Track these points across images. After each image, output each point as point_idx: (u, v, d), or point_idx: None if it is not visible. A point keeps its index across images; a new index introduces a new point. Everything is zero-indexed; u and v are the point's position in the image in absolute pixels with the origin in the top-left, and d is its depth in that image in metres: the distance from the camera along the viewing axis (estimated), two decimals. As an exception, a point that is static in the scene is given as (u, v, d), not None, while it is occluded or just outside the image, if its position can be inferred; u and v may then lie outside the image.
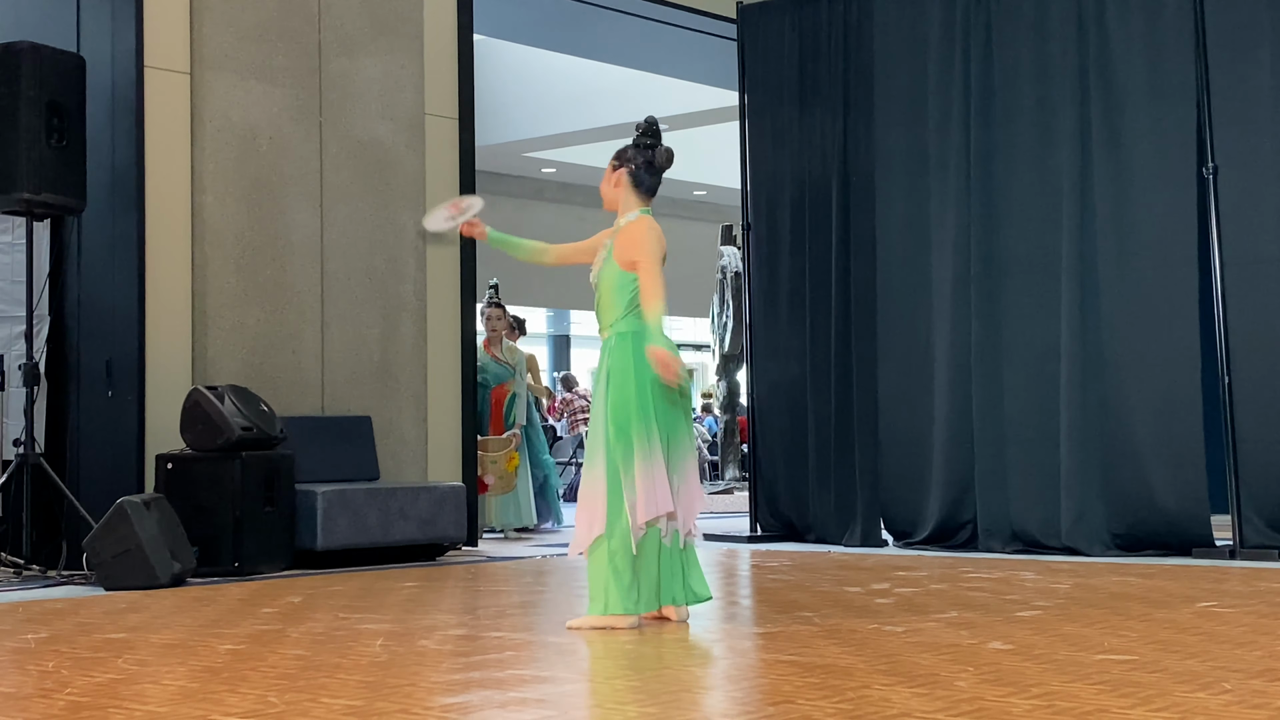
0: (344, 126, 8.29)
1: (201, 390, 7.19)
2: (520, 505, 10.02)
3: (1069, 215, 7.73)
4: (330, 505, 7.37)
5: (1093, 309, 7.65)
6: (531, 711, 3.36)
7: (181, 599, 6.00)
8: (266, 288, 7.89)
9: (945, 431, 8.14)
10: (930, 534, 8.16)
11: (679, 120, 16.33)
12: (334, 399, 8.13)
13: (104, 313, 7.55)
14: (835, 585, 6.10)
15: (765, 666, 4.10)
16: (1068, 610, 5.06)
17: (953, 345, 8.14)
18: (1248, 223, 7.26)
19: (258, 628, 4.93)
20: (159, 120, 7.58)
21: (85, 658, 4.29)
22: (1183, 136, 7.47)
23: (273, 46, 8.02)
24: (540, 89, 16.31)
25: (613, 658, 4.34)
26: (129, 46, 7.51)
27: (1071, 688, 3.45)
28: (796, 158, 8.94)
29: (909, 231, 8.41)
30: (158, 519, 6.57)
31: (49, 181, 6.93)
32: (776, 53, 9.15)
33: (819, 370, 8.77)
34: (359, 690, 3.61)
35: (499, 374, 10.16)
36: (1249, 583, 5.96)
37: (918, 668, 3.79)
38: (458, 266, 8.84)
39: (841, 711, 3.21)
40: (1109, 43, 7.72)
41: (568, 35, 12.98)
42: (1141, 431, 7.47)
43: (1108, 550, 7.46)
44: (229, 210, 7.78)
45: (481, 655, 4.22)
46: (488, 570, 7.28)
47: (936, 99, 8.32)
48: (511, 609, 5.62)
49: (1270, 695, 3.31)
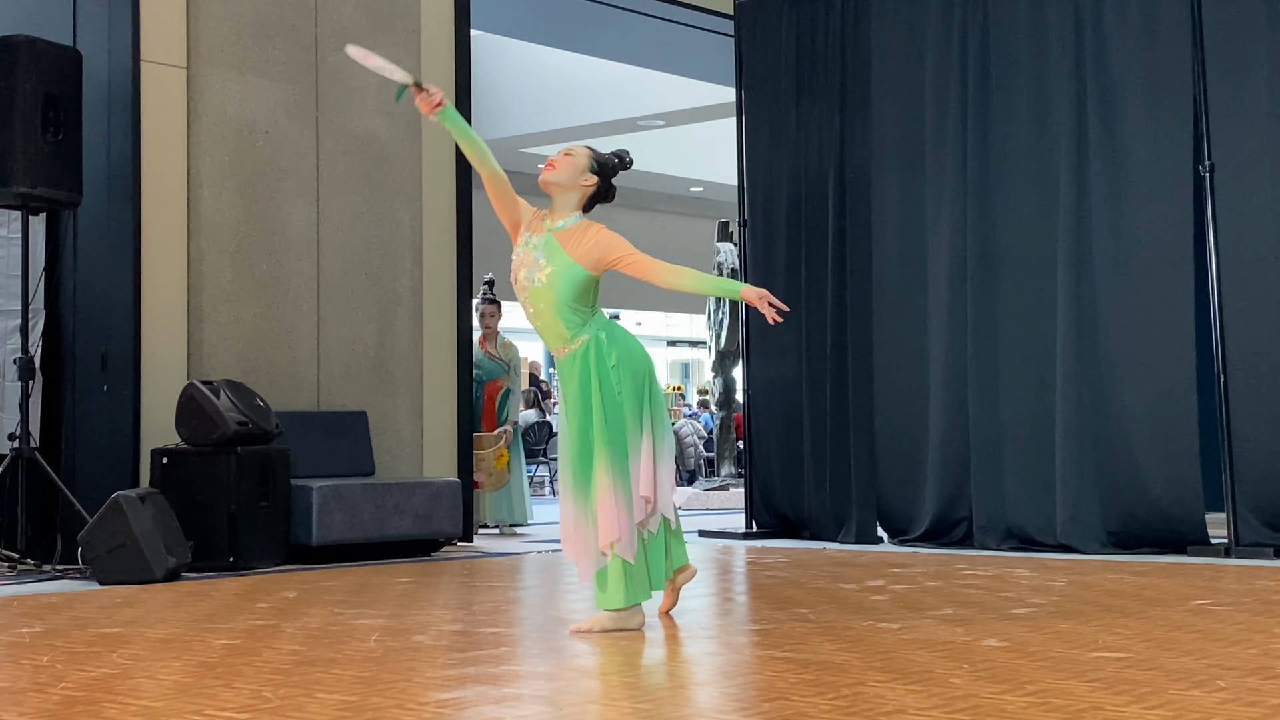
0: (341, 121, 8.29)
1: (197, 385, 7.18)
2: (514, 501, 10.01)
3: (1065, 213, 7.73)
4: (325, 500, 7.37)
5: (1089, 306, 7.65)
6: (526, 707, 3.36)
7: (176, 594, 5.99)
8: (262, 282, 7.89)
9: (940, 429, 8.14)
10: (925, 531, 8.17)
11: (676, 116, 16.34)
12: (329, 394, 8.13)
13: (99, 307, 7.54)
14: (830, 582, 6.10)
15: (760, 663, 4.10)
16: (1062, 608, 5.06)
17: (948, 342, 8.14)
18: (1244, 221, 7.26)
19: (253, 623, 4.93)
20: (155, 114, 7.57)
21: (80, 652, 4.29)
22: (1179, 134, 7.47)
23: (269, 41, 8.01)
24: (537, 85, 16.30)
25: (607, 653, 4.34)
26: (125, 40, 7.50)
27: (1066, 685, 3.45)
28: (793, 154, 8.94)
29: (905, 228, 8.41)
30: (153, 514, 6.56)
31: (45, 175, 6.93)
32: (774, 49, 9.15)
33: (815, 367, 8.77)
34: (354, 685, 3.61)
35: (493, 370, 10.15)
36: (1244, 581, 5.96)
37: (913, 665, 3.80)
38: (454, 262, 8.84)
39: (836, 708, 3.21)
40: (1106, 40, 7.72)
41: (565, 31, 12.98)
42: (1137, 429, 7.47)
43: (1103, 548, 7.46)
44: (225, 205, 7.78)
45: (476, 651, 4.22)
46: (483, 566, 7.28)
47: (933, 96, 8.32)
48: (507, 604, 5.62)
49: (1265, 693, 3.32)
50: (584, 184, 4.89)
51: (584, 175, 4.90)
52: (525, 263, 4.84)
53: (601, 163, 4.93)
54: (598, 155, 4.96)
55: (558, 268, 4.78)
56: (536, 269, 4.81)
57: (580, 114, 16.44)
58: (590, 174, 4.91)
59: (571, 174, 4.89)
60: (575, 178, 4.89)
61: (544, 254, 4.81)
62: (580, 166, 4.90)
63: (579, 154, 4.94)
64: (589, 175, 4.91)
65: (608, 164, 4.95)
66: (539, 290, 4.80)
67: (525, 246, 4.86)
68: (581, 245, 4.80)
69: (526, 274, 4.83)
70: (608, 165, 4.95)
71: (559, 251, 4.79)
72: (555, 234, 4.83)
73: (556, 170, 4.89)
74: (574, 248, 4.79)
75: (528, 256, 4.84)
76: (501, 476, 9.90)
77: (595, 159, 4.94)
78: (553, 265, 4.79)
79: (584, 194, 4.90)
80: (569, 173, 4.88)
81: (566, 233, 4.83)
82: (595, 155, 4.96)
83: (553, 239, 4.83)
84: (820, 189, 8.83)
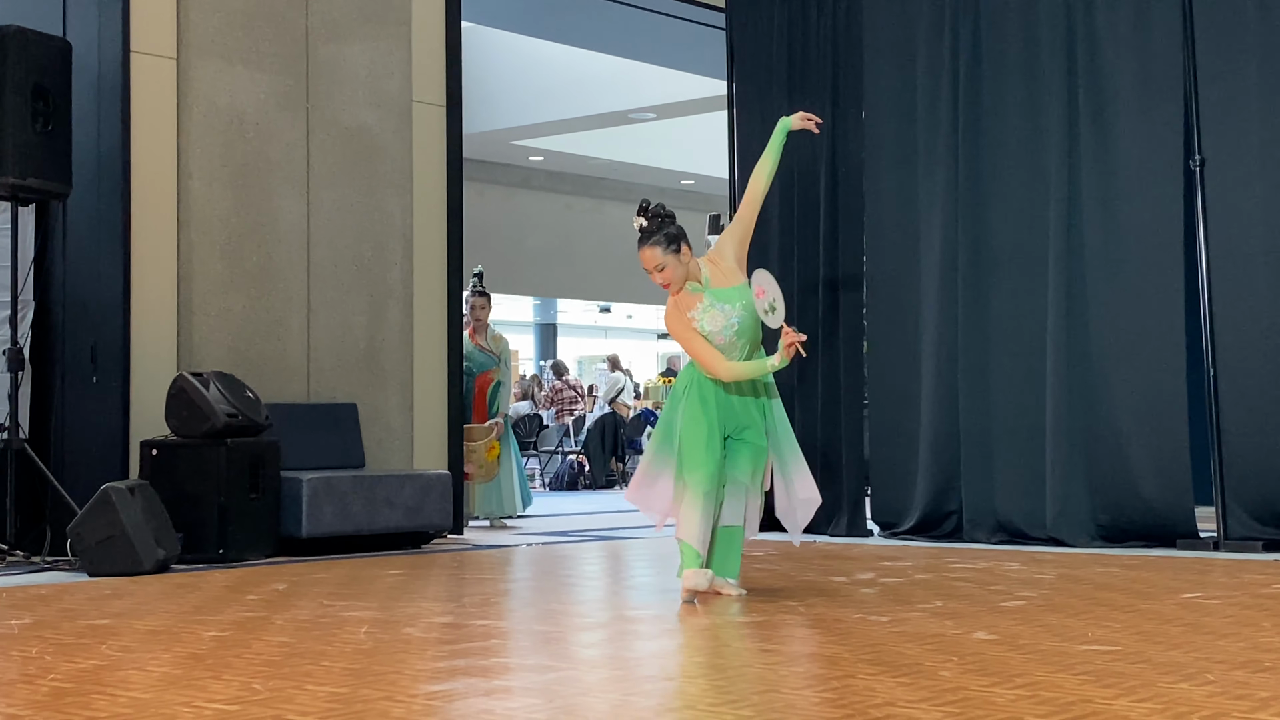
0: (331, 113, 8.27)
1: (187, 376, 7.17)
2: (503, 494, 10.01)
3: (1056, 207, 7.73)
4: (315, 492, 7.37)
5: (1079, 301, 7.66)
6: (516, 699, 3.36)
7: (166, 585, 5.99)
8: (252, 274, 7.88)
9: (931, 422, 8.15)
10: (915, 524, 8.18)
11: (667, 109, 16.33)
12: (320, 386, 8.12)
13: (89, 298, 7.52)
14: (821, 575, 6.11)
15: (750, 655, 4.11)
16: (1052, 601, 5.07)
17: (939, 336, 8.15)
18: (1234, 216, 7.27)
19: (242, 615, 4.93)
20: (145, 105, 7.55)
21: (69, 644, 4.28)
22: (1170, 129, 7.47)
23: (260, 32, 8.00)
24: (529, 77, 16.29)
25: (598, 646, 4.34)
26: (115, 31, 7.48)
27: (1055, 678, 3.45)
28: (785, 149, 8.90)
29: (897, 222, 8.42)
30: (142, 505, 6.56)
31: (34, 166, 6.91)
32: (766, 42, 9.14)
33: (806, 361, 8.75)
34: (343, 678, 3.61)
35: (483, 362, 10.14)
36: (1232, 574, 5.98)
37: (902, 657, 3.80)
38: (444, 254, 8.83)
39: (826, 701, 3.21)
40: (1097, 35, 7.72)
41: (557, 23, 12.97)
42: (1127, 423, 7.48)
43: (1092, 541, 7.48)
44: (215, 196, 7.76)
45: (466, 643, 4.22)
46: (473, 558, 7.28)
47: (925, 90, 8.32)
48: (497, 597, 5.63)
49: (1253, 686, 3.32)
50: (684, 261, 5.28)
51: (680, 257, 5.28)
52: (715, 320, 5.27)
53: (668, 235, 5.28)
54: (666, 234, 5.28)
55: (749, 300, 5.28)
56: (731, 312, 5.28)
57: (572, 106, 16.44)
58: (680, 251, 5.28)
59: (679, 273, 5.28)
60: (680, 269, 5.28)
61: (719, 303, 5.27)
62: (673, 260, 5.27)
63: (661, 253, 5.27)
64: (683, 253, 5.29)
65: (666, 229, 5.29)
66: (745, 319, 5.31)
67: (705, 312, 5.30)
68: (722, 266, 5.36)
69: (725, 324, 5.27)
70: (666, 229, 5.29)
71: (724, 292, 5.29)
72: (710, 290, 5.30)
73: (671, 283, 5.29)
74: (725, 278, 5.35)
75: (716, 316, 5.27)
76: (492, 469, 9.90)
77: (665, 239, 5.27)
78: (745, 301, 5.28)
79: (687, 264, 5.30)
80: (678, 274, 5.28)
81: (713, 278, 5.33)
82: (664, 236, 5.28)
83: (710, 293, 5.30)
84: (812, 183, 8.83)
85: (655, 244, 5.24)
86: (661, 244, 5.23)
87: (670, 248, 5.25)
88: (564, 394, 18.72)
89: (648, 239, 5.27)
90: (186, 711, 3.19)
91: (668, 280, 5.27)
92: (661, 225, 5.27)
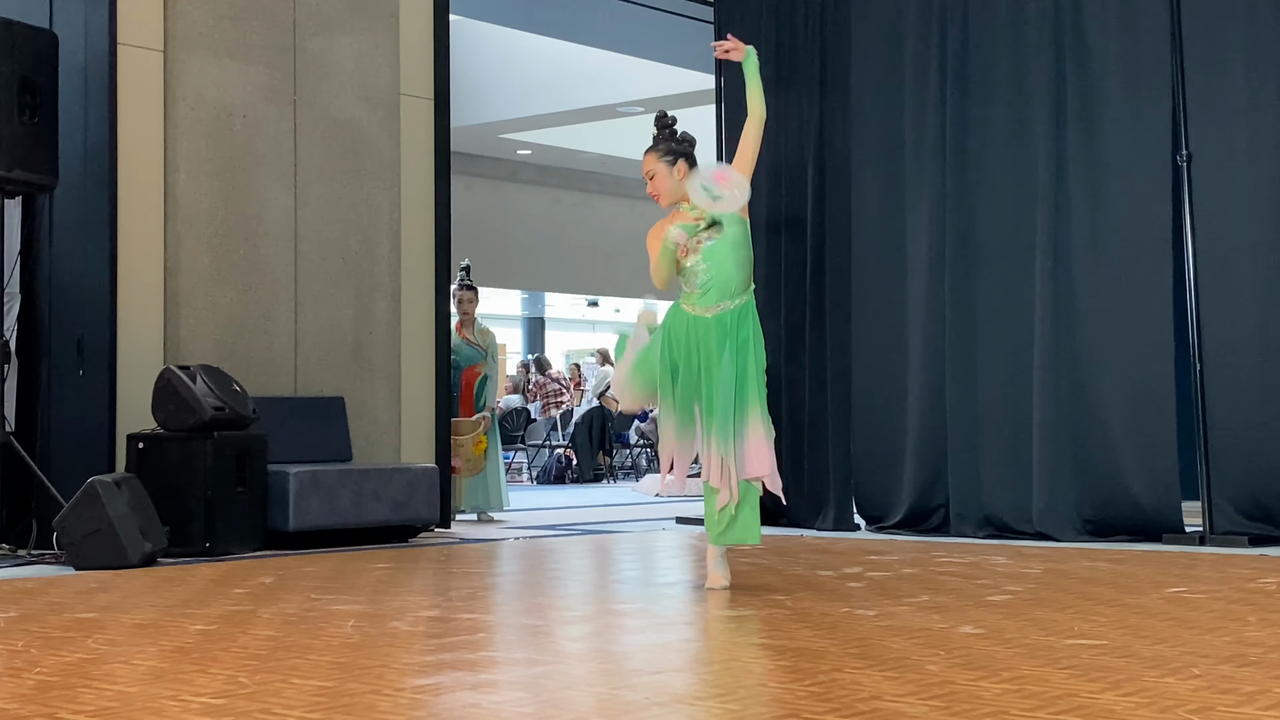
0: (319, 106, 8.26)
1: (173, 370, 7.16)
2: (489, 488, 10.00)
3: (1043, 201, 7.74)
4: (302, 486, 7.36)
5: (1066, 294, 7.67)
6: (502, 693, 3.36)
7: (152, 579, 5.97)
8: (240, 267, 7.86)
9: (918, 416, 8.16)
10: (902, 518, 8.19)
11: (655, 103, 16.30)
12: (307, 380, 8.11)
13: (76, 291, 7.51)
14: (807, 569, 6.11)
15: (736, 649, 4.11)
16: (1038, 595, 5.08)
17: (926, 329, 8.16)
18: (1221, 210, 7.28)
19: (229, 608, 4.92)
20: (132, 98, 7.54)
21: (55, 637, 4.27)
22: (1157, 123, 7.48)
23: (247, 25, 7.98)
24: (516, 71, 16.27)
25: (584, 639, 4.34)
26: (102, 23, 7.47)
27: (1042, 672, 3.46)
28: (772, 141, 8.92)
29: (884, 215, 8.42)
30: (129, 499, 6.54)
31: (20, 158, 6.89)
32: (753, 35, 9.11)
33: (793, 353, 8.77)
34: (330, 671, 3.60)
35: (470, 356, 10.14)
36: (1219, 569, 5.99)
37: (889, 651, 3.80)
38: (432, 248, 8.82)
39: (813, 695, 3.22)
40: (1085, 30, 7.73)
41: (545, 17, 12.95)
42: (1113, 417, 7.50)
43: (1079, 535, 7.49)
44: (202, 189, 7.75)
45: (453, 637, 4.22)
46: (460, 552, 7.27)
47: (913, 84, 8.33)
48: (484, 591, 5.62)
49: (1239, 680, 3.33)
50: (681, 174, 5.25)
51: (675, 170, 5.26)
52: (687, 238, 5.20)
53: (668, 146, 5.28)
54: (665, 142, 5.29)
55: (729, 224, 5.21)
56: (693, 240, 5.20)
57: (559, 100, 16.43)
58: (675, 163, 5.26)
59: (665, 182, 5.27)
60: (671, 181, 5.26)
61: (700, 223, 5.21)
62: (664, 171, 5.27)
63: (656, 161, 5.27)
64: (677, 164, 5.26)
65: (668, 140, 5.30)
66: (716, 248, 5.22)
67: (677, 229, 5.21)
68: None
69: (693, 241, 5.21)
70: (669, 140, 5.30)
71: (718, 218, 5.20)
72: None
73: (660, 195, 5.28)
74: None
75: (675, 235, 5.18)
76: (478, 463, 9.89)
77: (664, 148, 5.27)
78: (716, 230, 5.21)
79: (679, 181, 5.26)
80: (661, 184, 5.27)
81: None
82: (663, 145, 5.29)
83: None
84: (799, 176, 8.84)
85: (654, 150, 5.33)
86: (659, 151, 5.31)
87: (666, 158, 5.30)
88: (548, 387, 18.72)
89: (653, 145, 5.35)
90: (173, 705, 3.19)
91: (656, 191, 5.32)
92: (670, 137, 5.34)
